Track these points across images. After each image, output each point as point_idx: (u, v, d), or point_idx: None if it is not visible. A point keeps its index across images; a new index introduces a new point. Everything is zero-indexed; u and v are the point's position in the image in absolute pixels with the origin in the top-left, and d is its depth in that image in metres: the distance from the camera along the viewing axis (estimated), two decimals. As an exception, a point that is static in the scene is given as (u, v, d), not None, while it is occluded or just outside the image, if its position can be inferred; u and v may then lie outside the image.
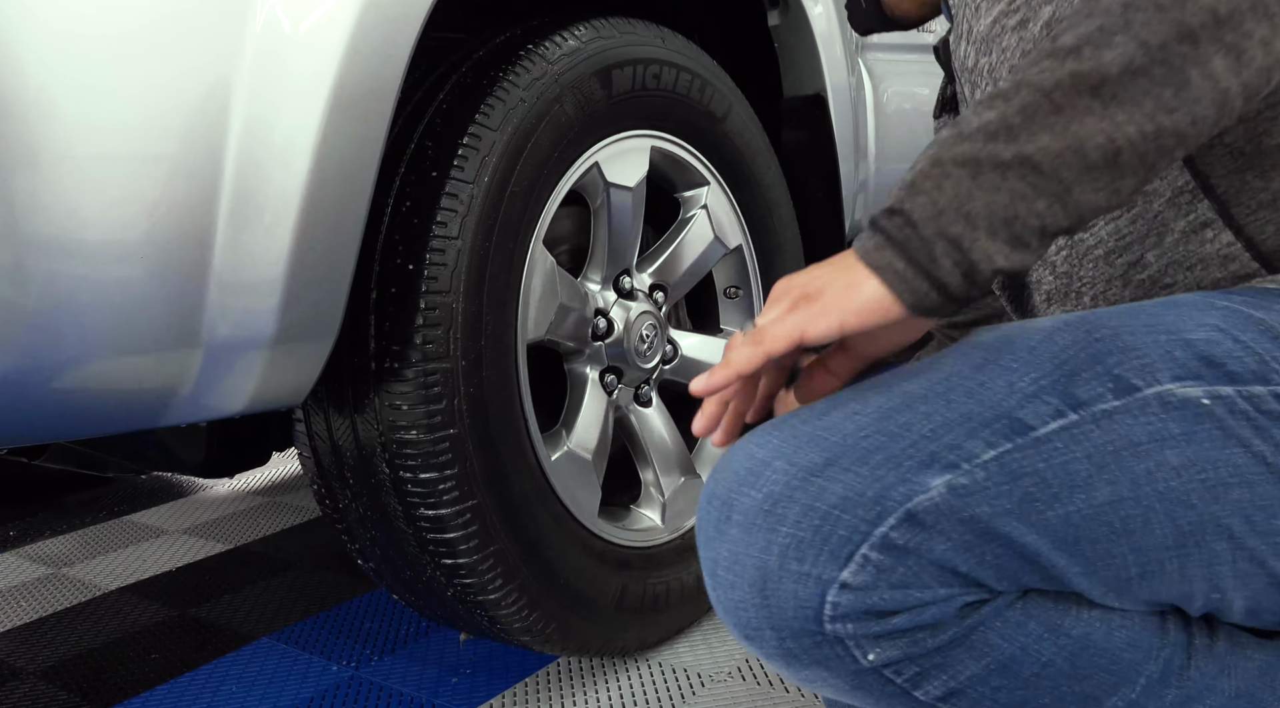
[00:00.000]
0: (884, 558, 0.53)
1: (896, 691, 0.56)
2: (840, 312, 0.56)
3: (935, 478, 0.53)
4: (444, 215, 0.99)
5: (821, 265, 0.60)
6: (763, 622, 0.55)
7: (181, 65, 0.79)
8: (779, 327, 0.58)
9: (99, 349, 0.78)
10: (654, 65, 1.22)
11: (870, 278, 0.55)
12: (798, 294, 0.59)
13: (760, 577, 0.55)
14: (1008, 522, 0.53)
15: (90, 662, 1.39)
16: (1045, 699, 0.56)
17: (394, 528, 1.05)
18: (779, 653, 0.56)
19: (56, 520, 2.06)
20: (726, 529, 0.57)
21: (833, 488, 0.54)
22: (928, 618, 0.54)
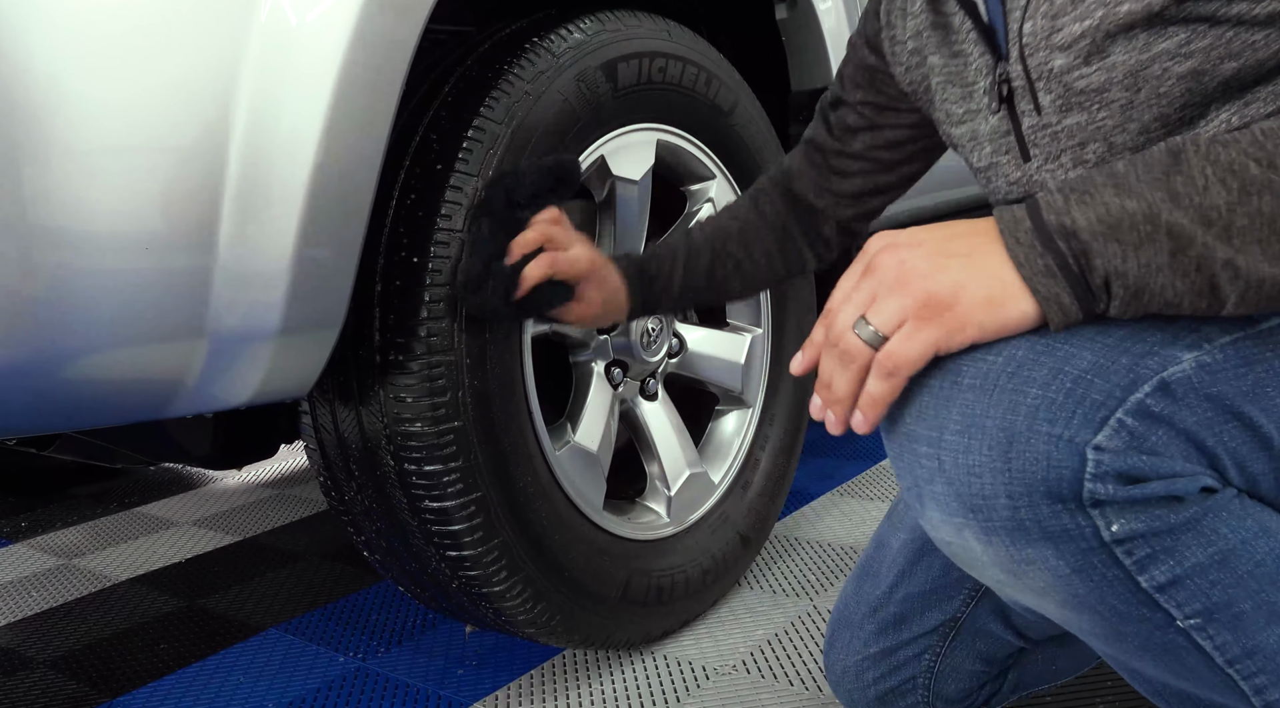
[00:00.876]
0: (1138, 424, 0.53)
1: (1120, 575, 0.55)
2: (979, 329, 0.54)
3: (1184, 353, 0.54)
4: (448, 208, 0.99)
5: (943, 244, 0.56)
6: (999, 488, 0.53)
7: (187, 57, 0.79)
8: (913, 347, 0.55)
9: (105, 340, 0.78)
10: (660, 59, 1.21)
11: (1026, 298, 0.54)
12: (923, 295, 0.55)
13: (1005, 438, 0.53)
14: (1245, 403, 0.54)
15: (100, 652, 1.40)
16: (1247, 604, 0.56)
17: (399, 520, 1.06)
18: (1007, 526, 0.54)
19: (67, 512, 2.08)
20: (955, 394, 0.55)
21: (1081, 355, 0.54)
22: (1178, 489, 0.53)
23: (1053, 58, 0.70)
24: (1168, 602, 0.56)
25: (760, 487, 1.44)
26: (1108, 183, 0.53)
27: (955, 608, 0.89)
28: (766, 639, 1.29)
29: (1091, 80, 0.69)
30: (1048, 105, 0.73)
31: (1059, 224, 0.53)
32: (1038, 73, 0.72)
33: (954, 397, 0.55)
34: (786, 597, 1.41)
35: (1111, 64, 0.68)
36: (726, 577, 1.37)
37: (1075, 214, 0.53)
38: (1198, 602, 0.56)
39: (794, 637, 1.29)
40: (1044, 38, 0.70)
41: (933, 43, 0.83)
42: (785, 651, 1.26)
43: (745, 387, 1.44)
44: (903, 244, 0.57)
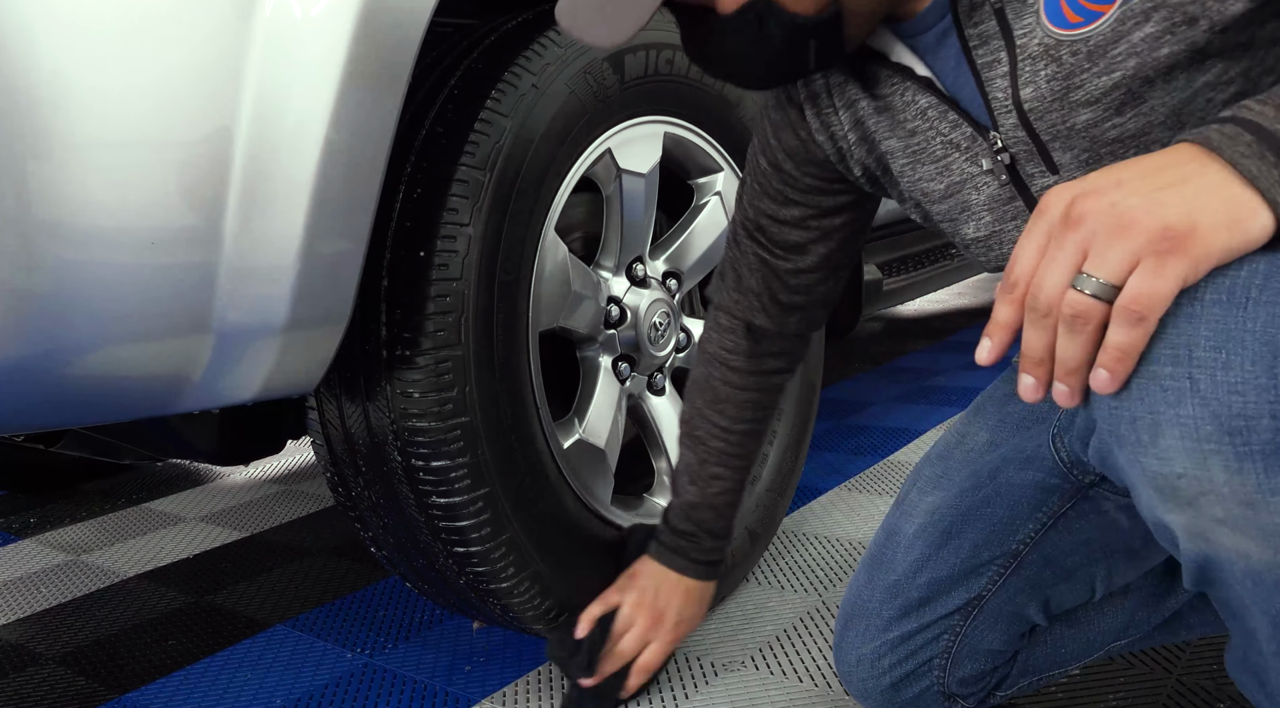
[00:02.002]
0: None
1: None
2: (1224, 252, 0.51)
3: None
4: (455, 202, 0.98)
5: (1150, 178, 0.52)
6: (1263, 407, 0.50)
7: (191, 51, 0.78)
8: (1164, 284, 0.51)
9: (110, 336, 0.78)
10: (667, 50, 1.20)
11: (1266, 212, 0.51)
12: (1156, 233, 0.51)
13: (1269, 352, 0.50)
14: None
15: (108, 648, 1.40)
16: None
17: (406, 516, 1.05)
18: (1266, 449, 0.50)
19: (76, 508, 2.08)
20: (1200, 310, 0.52)
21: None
22: None
23: (1074, 115, 0.69)
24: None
25: (768, 482, 1.43)
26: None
27: (981, 586, 0.89)
28: (775, 635, 1.28)
29: (1127, 128, 0.68)
30: (1068, 161, 0.71)
31: None
32: (1051, 133, 0.71)
33: (1199, 314, 0.51)
34: (794, 592, 1.41)
35: (1150, 108, 0.66)
36: (734, 572, 1.36)
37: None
38: None
39: (802, 632, 1.29)
40: (1057, 98, 0.69)
41: (882, 127, 0.82)
42: (794, 646, 1.25)
43: (753, 381, 1.43)
44: (1103, 187, 0.53)
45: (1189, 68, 0.64)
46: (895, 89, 0.80)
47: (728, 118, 1.33)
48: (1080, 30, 0.66)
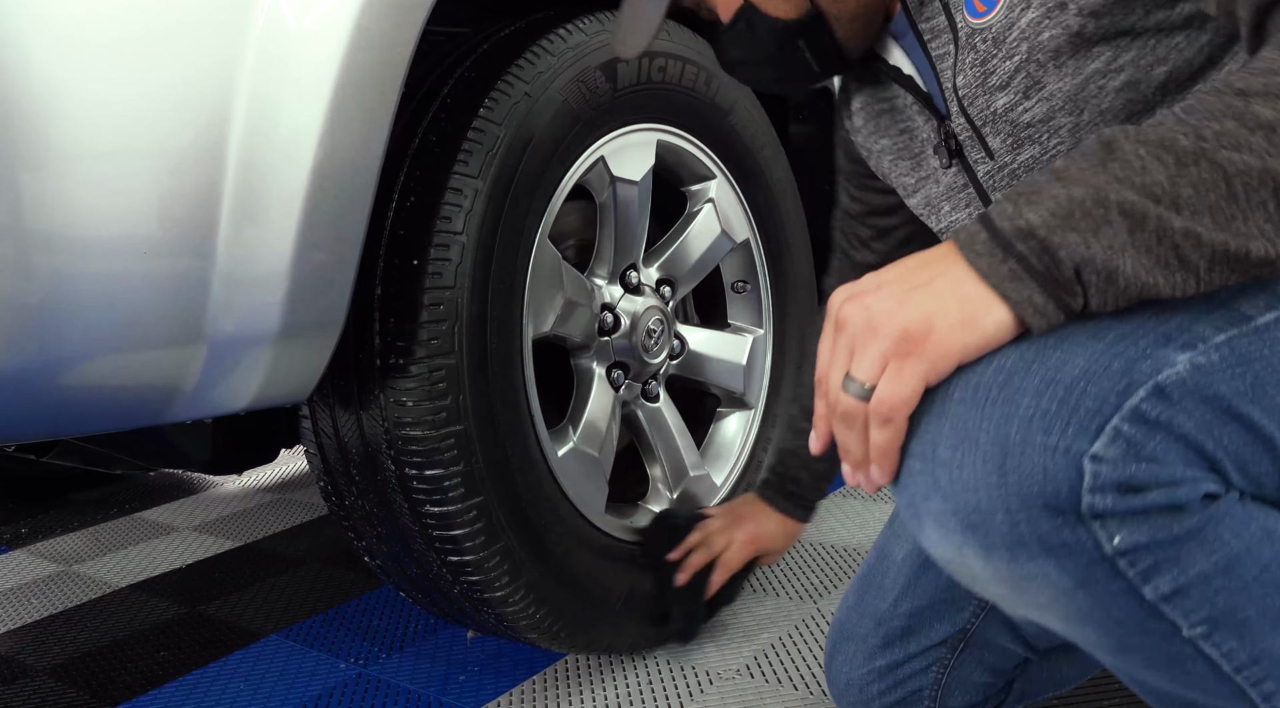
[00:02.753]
0: (1135, 431, 0.51)
1: (1124, 587, 0.54)
2: (963, 351, 0.53)
3: (1177, 354, 0.52)
4: (448, 211, 0.98)
5: (903, 280, 0.55)
6: (996, 503, 0.52)
7: (184, 60, 0.78)
8: (902, 386, 0.54)
9: (103, 345, 0.78)
10: (659, 58, 1.21)
11: (999, 307, 0.53)
12: (897, 332, 0.54)
13: (999, 452, 0.51)
14: (1244, 403, 0.53)
15: (99, 659, 1.39)
16: (1252, 611, 0.55)
17: (400, 525, 1.05)
18: (1006, 542, 0.52)
19: (67, 518, 2.07)
20: (946, 408, 0.53)
21: (1073, 361, 0.52)
22: (1179, 497, 0.52)
23: (994, 99, 0.72)
24: (1173, 612, 0.55)
25: (763, 489, 1.43)
26: (1051, 179, 0.53)
27: (964, 620, 0.88)
28: (770, 643, 1.28)
29: (1035, 112, 0.71)
30: (999, 147, 0.74)
31: (1014, 227, 0.52)
32: (981, 119, 0.74)
33: (945, 411, 0.54)
34: (790, 600, 1.41)
35: (1050, 93, 0.69)
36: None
37: (1028, 215, 0.52)
38: (1203, 610, 0.55)
39: (798, 640, 1.28)
40: (979, 83, 0.72)
41: (883, 125, 0.87)
42: (789, 654, 1.25)
43: (747, 388, 1.43)
44: (864, 290, 0.56)
45: (1075, 54, 0.67)
46: (898, 93, 0.84)
47: (720, 125, 1.33)
48: (986, 19, 0.71)
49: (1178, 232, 0.50)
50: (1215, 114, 0.50)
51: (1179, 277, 0.51)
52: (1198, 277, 0.51)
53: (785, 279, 1.48)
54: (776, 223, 1.45)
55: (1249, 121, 0.49)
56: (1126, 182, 0.50)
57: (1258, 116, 0.49)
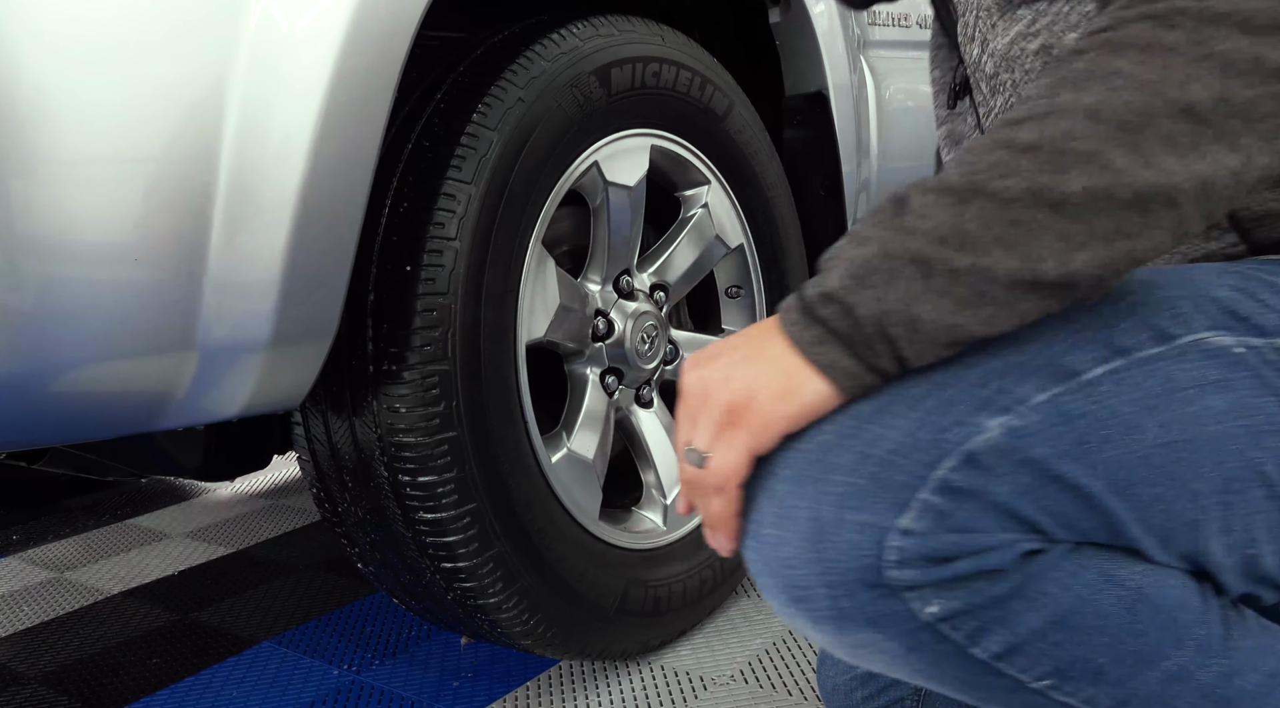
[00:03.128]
0: (944, 502, 0.51)
1: (953, 650, 0.54)
2: (785, 420, 0.54)
3: (991, 419, 0.52)
4: (441, 216, 0.98)
5: (735, 350, 0.56)
6: (814, 579, 0.53)
7: (176, 66, 0.78)
8: (730, 457, 0.55)
9: (93, 352, 0.77)
10: (654, 63, 1.21)
11: (813, 376, 0.53)
12: (723, 405, 0.55)
13: (814, 529, 0.52)
14: (1065, 463, 0.52)
15: (91, 667, 1.38)
16: (1103, 658, 0.55)
17: (393, 532, 1.05)
18: (830, 614, 0.53)
19: (59, 524, 2.06)
20: (771, 485, 0.54)
21: (887, 434, 0.52)
22: (990, 563, 0.52)
23: (972, 49, 0.76)
24: (1009, 668, 0.55)
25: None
26: (847, 242, 0.54)
27: None
28: (764, 649, 1.28)
29: (988, 66, 0.74)
30: (981, 94, 0.78)
31: (816, 294, 0.53)
32: (971, 66, 0.77)
33: (769, 488, 0.54)
34: (785, 605, 1.41)
35: (993, 50, 0.72)
36: (724, 585, 1.36)
37: (826, 279, 0.53)
38: (1043, 665, 0.54)
39: (792, 646, 1.28)
40: (962, 33, 0.76)
41: (938, 58, 0.90)
42: (783, 660, 1.25)
43: (741, 393, 1.43)
44: (701, 361, 0.58)
45: (1003, 14, 0.69)
46: None
47: (715, 131, 1.33)
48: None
49: (965, 269, 0.50)
50: (988, 147, 0.51)
51: (985, 313, 0.51)
52: (1006, 309, 0.51)
53: (780, 285, 1.48)
54: (771, 228, 1.45)
55: (1015, 147, 0.50)
56: (914, 230, 0.51)
57: (1021, 141, 0.50)
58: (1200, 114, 0.48)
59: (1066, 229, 0.49)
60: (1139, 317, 0.55)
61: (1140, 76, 0.49)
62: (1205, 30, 0.48)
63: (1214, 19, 0.48)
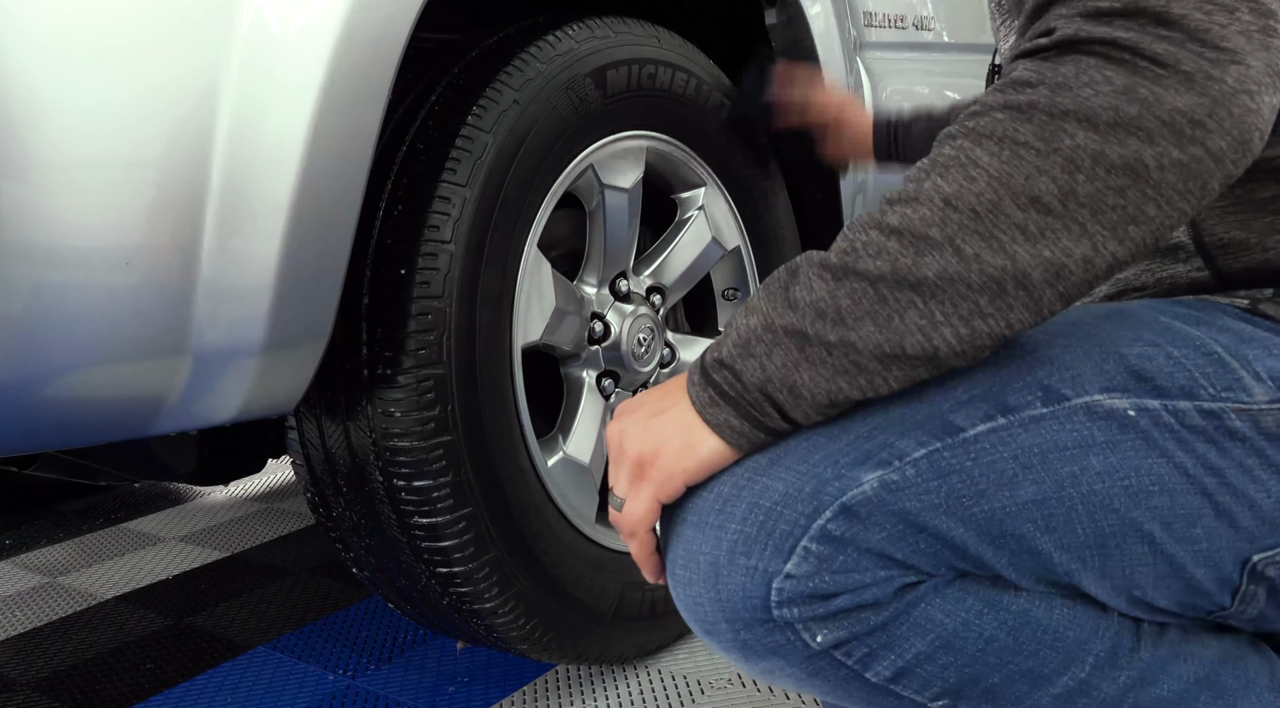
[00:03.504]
0: (823, 548, 0.55)
1: (849, 674, 0.58)
2: (685, 473, 0.59)
3: (867, 473, 0.56)
4: (436, 219, 0.97)
5: (650, 405, 0.61)
6: (718, 615, 0.58)
7: (167, 68, 0.77)
8: (638, 506, 0.61)
9: (84, 358, 0.77)
10: (650, 65, 1.20)
11: (709, 435, 0.58)
12: (634, 457, 0.60)
13: (713, 572, 0.57)
14: (935, 516, 0.56)
15: (85, 672, 1.37)
16: (995, 678, 0.58)
17: (388, 536, 1.04)
18: (735, 645, 0.58)
19: (53, 529, 2.05)
20: (681, 530, 0.59)
21: (774, 486, 0.57)
22: (868, 598, 0.56)
23: (1000, 32, 0.77)
24: (904, 690, 0.58)
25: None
26: (742, 312, 0.58)
27: None
28: (763, 652, 1.28)
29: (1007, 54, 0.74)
30: None
31: (713, 359, 0.58)
32: (1000, 52, 0.78)
33: (680, 533, 0.59)
34: (782, 608, 1.40)
35: (1003, 51, 0.73)
36: (721, 589, 1.35)
37: (723, 347, 0.58)
38: (935, 687, 0.58)
39: (790, 649, 1.28)
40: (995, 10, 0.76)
41: None
42: (782, 663, 1.24)
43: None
44: (624, 413, 0.63)
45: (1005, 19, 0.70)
46: None
47: (711, 132, 1.32)
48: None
49: (836, 343, 0.54)
50: (865, 227, 0.55)
51: (862, 380, 0.55)
52: (881, 377, 0.55)
53: (776, 286, 1.48)
54: (768, 230, 1.45)
55: (884, 229, 0.54)
56: (796, 304, 0.55)
57: (889, 224, 0.54)
58: (1047, 205, 0.51)
59: (927, 308, 0.52)
60: (1035, 377, 0.58)
61: (993, 168, 0.52)
62: (1054, 125, 0.51)
63: (1062, 114, 0.51)
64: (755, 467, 0.58)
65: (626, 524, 0.62)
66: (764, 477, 0.57)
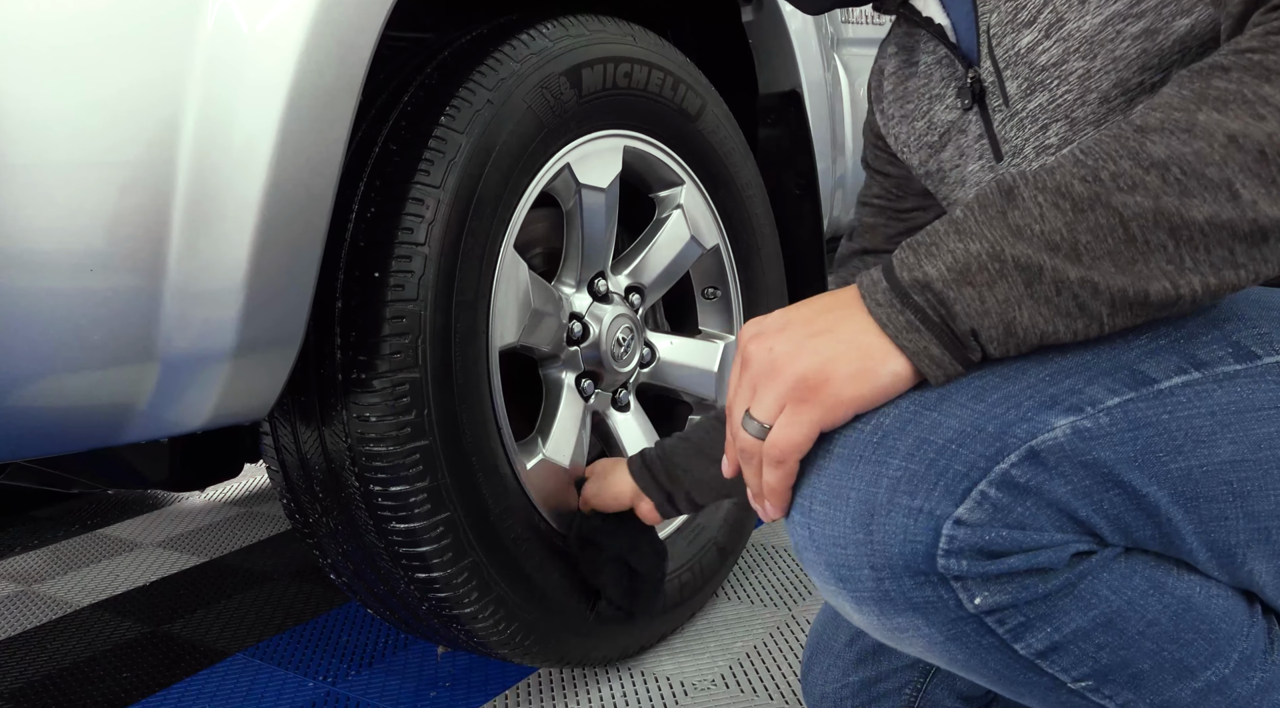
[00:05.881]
0: (1003, 496, 0.51)
1: (995, 643, 0.54)
2: (857, 400, 0.54)
3: (1059, 418, 0.52)
4: (410, 221, 0.96)
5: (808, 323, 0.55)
6: (861, 560, 0.53)
7: (130, 68, 0.76)
8: (796, 431, 0.55)
9: (49, 365, 0.75)
10: (625, 64, 1.19)
11: (896, 357, 0.53)
12: (796, 377, 0.54)
13: (866, 510, 0.52)
14: (1129, 470, 0.52)
15: (60, 682, 1.35)
16: (1146, 664, 0.55)
17: (365, 542, 1.03)
18: (873, 596, 0.53)
19: (27, 536, 2.02)
20: (826, 464, 0.54)
21: (948, 422, 0.52)
22: (1041, 561, 0.52)
23: (1020, 37, 0.71)
24: (1051, 667, 0.55)
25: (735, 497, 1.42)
26: (950, 231, 0.53)
27: None
28: (745, 652, 1.27)
29: (1051, 54, 0.69)
30: (1014, 92, 0.73)
31: (912, 279, 0.52)
32: (1005, 60, 0.73)
33: (825, 466, 0.55)
34: (764, 607, 1.40)
35: (1068, 34, 0.68)
36: (704, 589, 1.35)
37: (926, 267, 0.52)
38: (1085, 666, 0.55)
39: (773, 648, 1.27)
40: (1010, 19, 0.71)
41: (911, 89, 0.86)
42: (764, 663, 1.24)
43: (719, 395, 1.42)
44: (769, 330, 0.57)
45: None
46: (922, 50, 0.82)
47: (688, 131, 1.31)
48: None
49: (1074, 281, 0.50)
50: (1112, 155, 0.50)
51: (1080, 323, 0.51)
52: (1100, 322, 0.51)
53: (756, 284, 1.47)
54: (746, 228, 1.44)
55: (1143, 161, 0.49)
56: (1024, 231, 0.50)
57: (1151, 155, 0.49)
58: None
59: (1178, 253, 0.49)
60: (1222, 332, 0.55)
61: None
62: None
63: None
64: (920, 401, 0.53)
65: (775, 452, 0.55)
66: (934, 412, 0.53)
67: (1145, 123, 0.50)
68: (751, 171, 1.44)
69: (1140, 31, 0.65)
